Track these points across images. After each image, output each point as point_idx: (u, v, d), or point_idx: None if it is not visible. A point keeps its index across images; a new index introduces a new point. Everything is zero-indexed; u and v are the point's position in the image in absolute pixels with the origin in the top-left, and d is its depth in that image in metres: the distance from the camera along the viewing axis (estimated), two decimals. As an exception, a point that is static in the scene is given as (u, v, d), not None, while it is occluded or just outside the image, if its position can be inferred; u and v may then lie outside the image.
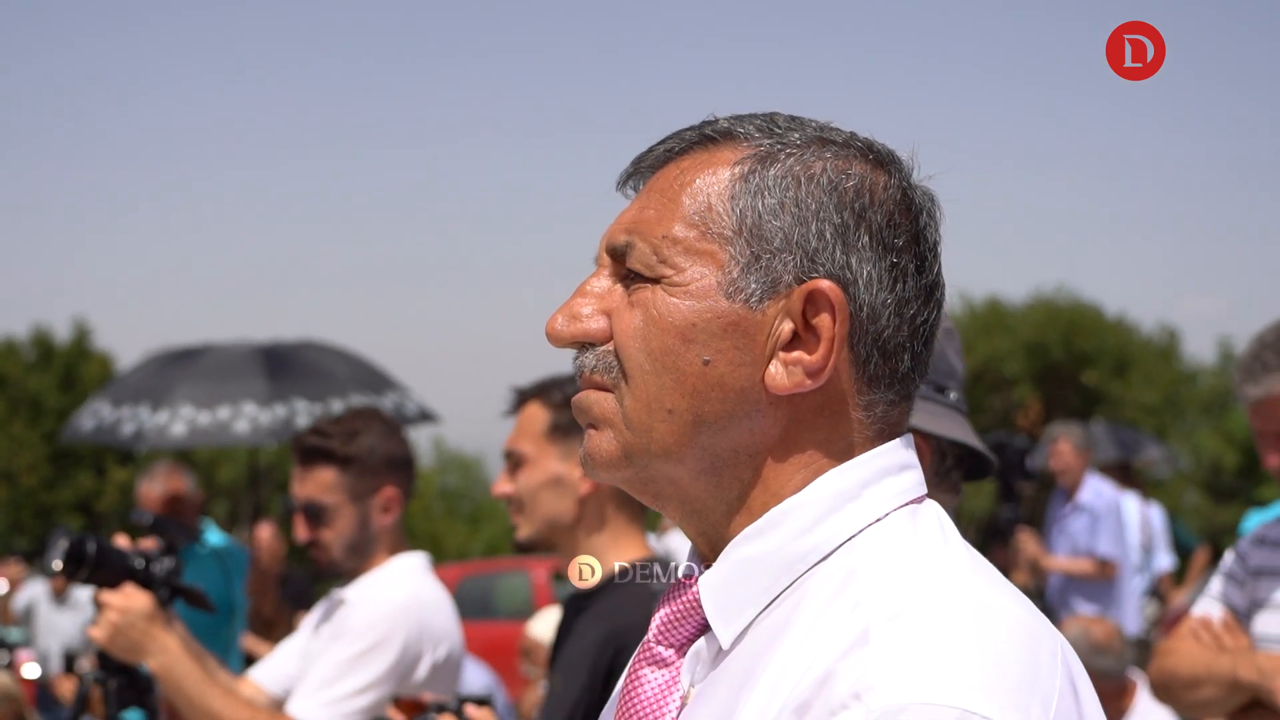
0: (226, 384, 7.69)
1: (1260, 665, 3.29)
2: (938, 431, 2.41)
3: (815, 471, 1.39)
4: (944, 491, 2.48)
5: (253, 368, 7.82)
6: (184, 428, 7.52)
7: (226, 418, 7.56)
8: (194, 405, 7.60)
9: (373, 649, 3.55)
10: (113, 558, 3.50)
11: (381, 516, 3.76)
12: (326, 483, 3.72)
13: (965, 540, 1.41)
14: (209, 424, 7.57)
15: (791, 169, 1.40)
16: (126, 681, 3.57)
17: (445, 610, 3.74)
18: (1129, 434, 15.95)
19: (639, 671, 1.43)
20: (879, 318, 1.39)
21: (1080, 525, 9.42)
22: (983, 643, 1.25)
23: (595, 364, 1.42)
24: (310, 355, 8.13)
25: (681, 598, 1.42)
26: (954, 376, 2.51)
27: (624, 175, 1.49)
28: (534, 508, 3.23)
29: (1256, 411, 3.43)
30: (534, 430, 3.27)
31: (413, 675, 3.59)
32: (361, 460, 3.73)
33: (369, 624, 3.58)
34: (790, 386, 1.37)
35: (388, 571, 3.74)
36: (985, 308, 29.70)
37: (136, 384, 7.98)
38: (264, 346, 8.12)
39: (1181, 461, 26.08)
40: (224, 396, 7.62)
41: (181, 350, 8.30)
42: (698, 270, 1.38)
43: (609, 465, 1.42)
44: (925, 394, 2.45)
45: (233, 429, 7.60)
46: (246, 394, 7.62)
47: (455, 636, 3.72)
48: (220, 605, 6.48)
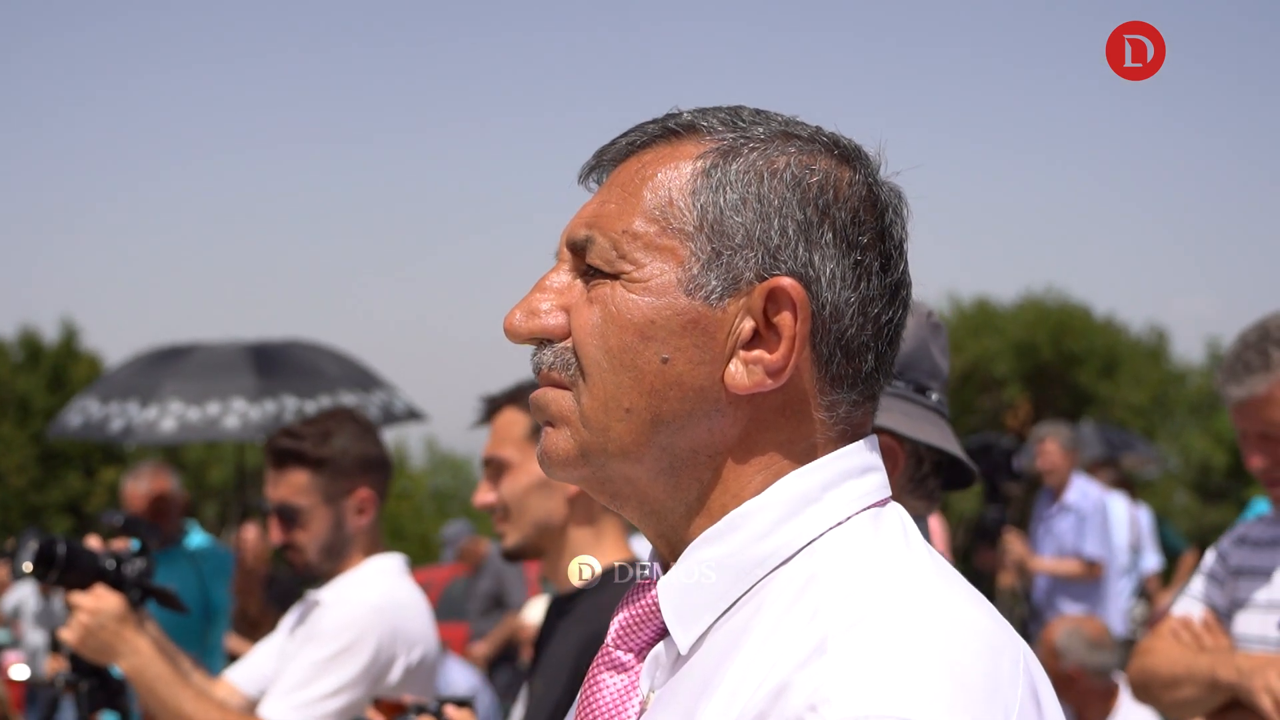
0: (216, 380, 7.65)
1: (1239, 665, 3.28)
2: (913, 435, 2.33)
3: (776, 473, 1.36)
4: (919, 499, 2.40)
5: (242, 364, 7.78)
6: (173, 423, 7.48)
7: (216, 413, 7.53)
8: (183, 401, 7.55)
9: (345, 651, 3.52)
10: (83, 559, 3.47)
11: (356, 518, 3.74)
12: (299, 485, 3.70)
13: (953, 542, 1.38)
14: (198, 420, 7.53)
15: (754, 164, 1.37)
16: (99, 684, 3.55)
17: (420, 612, 3.71)
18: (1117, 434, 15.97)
19: (598, 676, 1.40)
20: (842, 316, 1.36)
21: (1066, 525, 9.41)
22: (942, 652, 1.22)
23: (553, 361, 1.39)
24: (299, 353, 8.11)
25: (640, 601, 1.39)
26: (937, 376, 2.43)
27: (586, 168, 1.46)
28: (522, 512, 3.19)
29: (1239, 412, 3.41)
30: (515, 435, 3.23)
31: (386, 678, 3.56)
32: (334, 462, 3.70)
33: (342, 626, 3.55)
34: (750, 386, 1.34)
35: (362, 573, 3.72)
36: (974, 308, 29.72)
37: (125, 380, 7.92)
38: (253, 345, 8.09)
39: (1170, 462, 26.11)
40: (213, 392, 7.58)
41: (170, 348, 8.27)
42: (657, 266, 1.35)
43: (565, 464, 1.39)
44: (903, 393, 2.36)
45: (222, 424, 7.55)
46: (236, 390, 7.58)
47: (430, 639, 3.68)
48: (195, 606, 6.46)
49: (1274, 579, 3.40)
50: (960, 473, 2.47)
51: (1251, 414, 3.38)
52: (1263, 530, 3.52)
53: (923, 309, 2.43)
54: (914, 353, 2.38)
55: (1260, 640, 3.35)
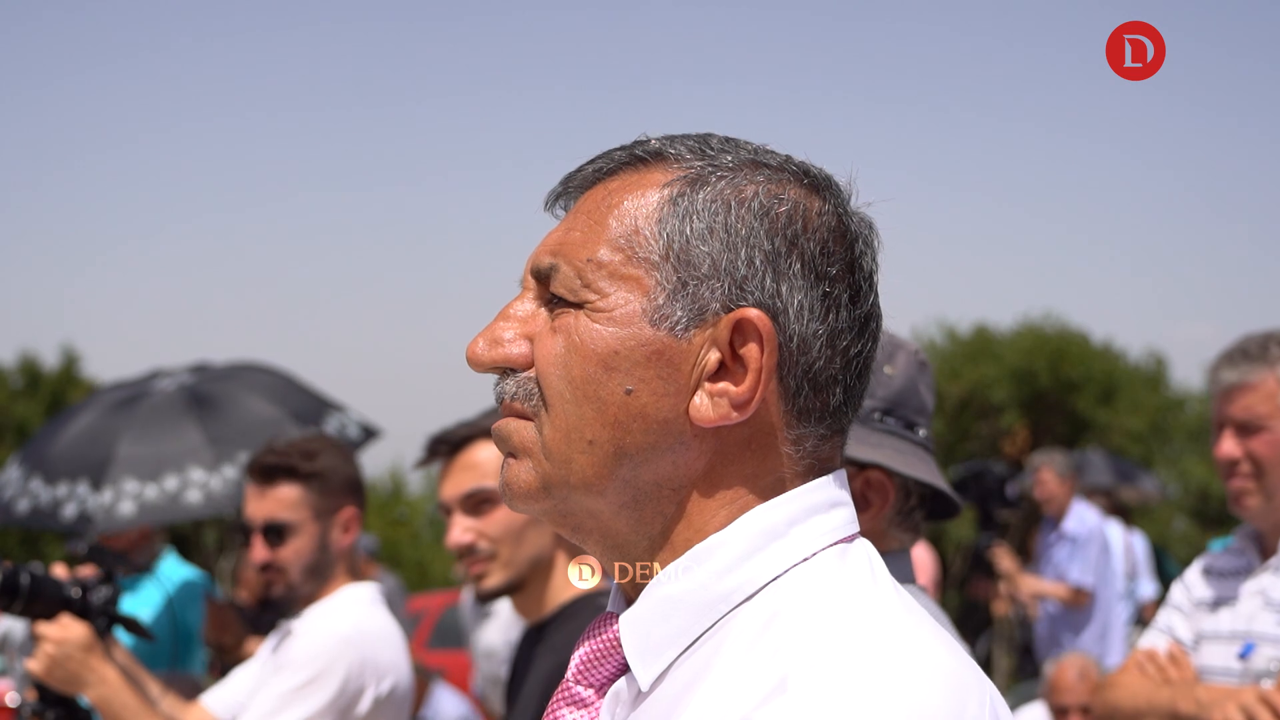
0: (165, 446, 7.02)
1: (1199, 698, 3.28)
2: (906, 471, 2.36)
3: (741, 508, 1.33)
4: (905, 531, 2.45)
5: (186, 420, 7.16)
6: (132, 505, 6.82)
7: (175, 488, 6.90)
8: (138, 479, 6.91)
9: (312, 681, 3.48)
10: (48, 588, 3.43)
11: (341, 536, 3.71)
12: (289, 499, 3.66)
13: (950, 569, 1.35)
14: (157, 498, 6.87)
15: (722, 193, 1.35)
16: (65, 713, 3.52)
17: (393, 643, 3.66)
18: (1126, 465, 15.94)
19: (557, 712, 1.38)
20: (810, 349, 1.33)
21: (1064, 554, 9.36)
22: (905, 692, 1.19)
23: (515, 391, 1.37)
24: (236, 393, 7.44)
25: (602, 636, 1.37)
26: (924, 413, 2.46)
27: (552, 195, 1.44)
28: (518, 548, 3.13)
29: (1225, 397, 3.40)
30: (494, 467, 3.15)
31: (355, 709, 3.51)
32: (325, 477, 3.69)
33: (309, 657, 3.51)
34: (715, 419, 1.32)
35: (334, 602, 3.68)
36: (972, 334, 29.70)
37: (70, 454, 7.19)
38: (190, 385, 7.42)
39: (1169, 489, 26.07)
40: (167, 463, 6.95)
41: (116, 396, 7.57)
42: (622, 296, 1.33)
43: (527, 497, 1.37)
44: (893, 429, 2.40)
45: (184, 501, 6.91)
46: (188, 457, 6.97)
47: (402, 670, 3.64)
48: (165, 634, 6.38)
49: (1238, 609, 3.39)
50: (943, 503, 2.50)
51: (1236, 399, 3.38)
52: (1227, 561, 3.52)
53: (910, 347, 2.46)
54: (904, 390, 2.42)
55: (1224, 672, 3.35)
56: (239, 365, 7.86)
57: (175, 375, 7.60)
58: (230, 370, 7.77)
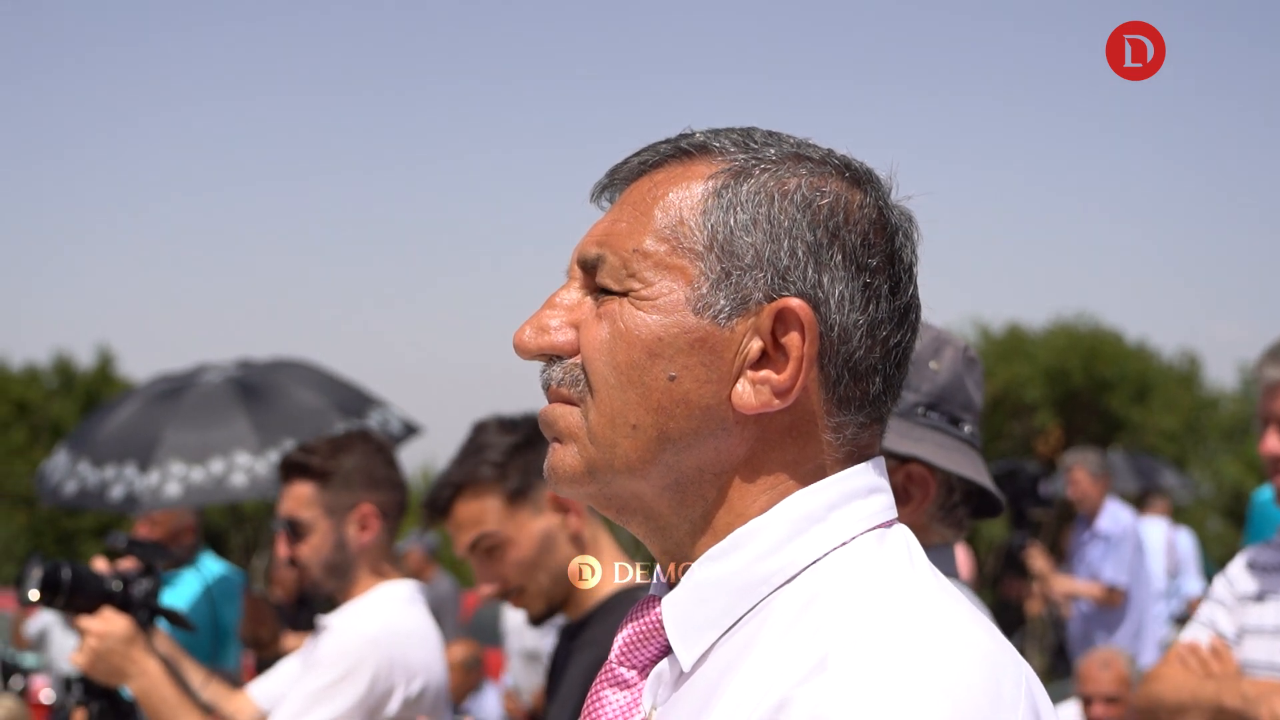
0: (213, 431, 7.20)
1: (1245, 691, 3.27)
2: (947, 466, 2.38)
3: (781, 493, 1.36)
4: (948, 527, 2.46)
5: (233, 408, 7.34)
6: (178, 487, 7.02)
7: (221, 471, 7.11)
8: (184, 461, 7.10)
9: (340, 681, 3.47)
10: (89, 582, 3.48)
11: (359, 534, 3.69)
12: (304, 498, 3.67)
13: (983, 569, 1.38)
14: (204, 480, 7.08)
15: (765, 185, 1.38)
16: (108, 705, 3.56)
17: (426, 643, 3.64)
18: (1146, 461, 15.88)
19: (600, 693, 1.41)
20: (850, 338, 1.36)
21: (1097, 553, 9.34)
22: (942, 672, 1.22)
23: (562, 377, 1.40)
24: (283, 384, 7.62)
25: (644, 618, 1.40)
26: (971, 409, 2.47)
27: (598, 187, 1.48)
28: (537, 575, 3.16)
29: (1272, 393, 3.39)
30: (495, 510, 3.18)
31: (384, 709, 3.51)
32: (339, 475, 3.68)
33: (338, 655, 3.50)
34: (757, 406, 1.35)
35: (368, 600, 3.68)
36: (1005, 334, 29.62)
37: (117, 438, 7.38)
38: (237, 378, 7.60)
39: (1203, 488, 25.96)
40: (214, 448, 7.13)
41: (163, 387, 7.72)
42: (667, 285, 1.36)
43: (572, 480, 1.40)
44: (938, 424, 2.42)
45: (230, 484, 7.11)
46: (236, 443, 7.15)
47: (435, 670, 3.61)
48: (205, 628, 6.46)
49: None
50: (989, 501, 2.51)
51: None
52: (1270, 555, 3.51)
53: (959, 343, 2.48)
54: (949, 386, 2.43)
55: (1268, 666, 3.34)
56: (283, 361, 7.96)
57: (221, 369, 7.72)
58: (275, 365, 7.88)
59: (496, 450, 3.17)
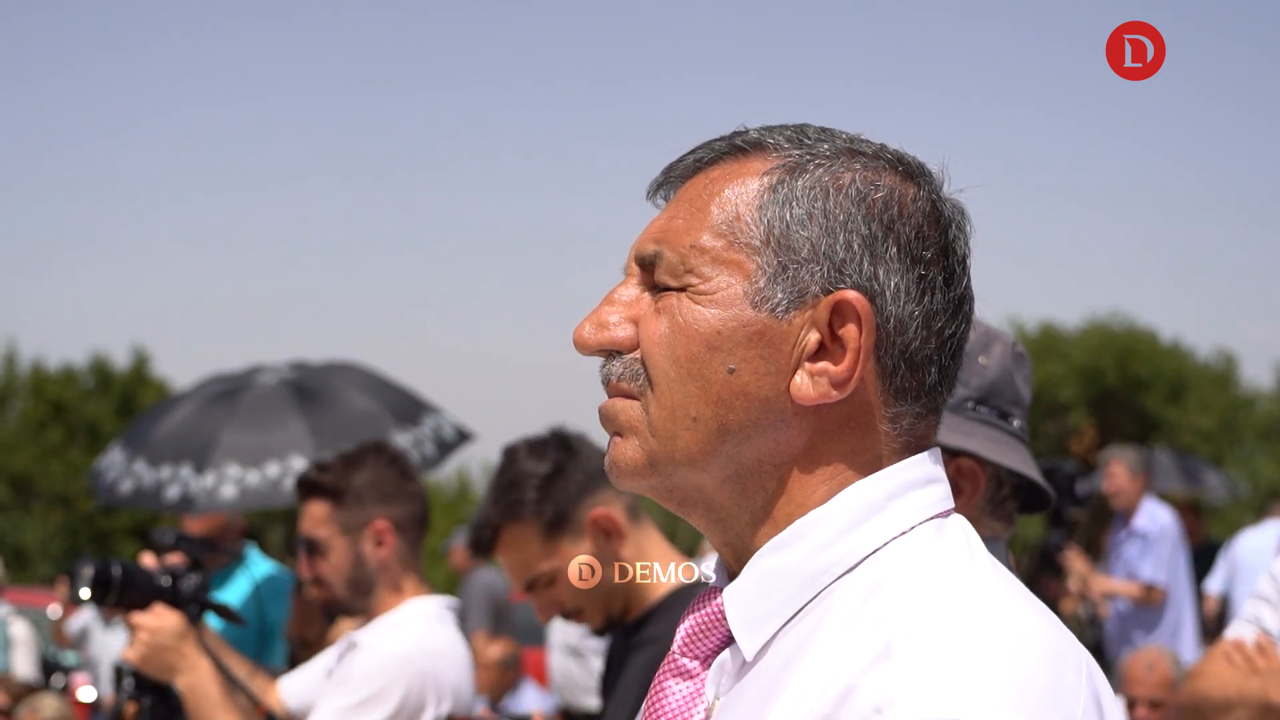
0: (269, 434, 7.21)
1: None
2: (997, 459, 2.39)
3: (840, 483, 1.38)
4: (997, 520, 2.46)
5: (289, 411, 7.35)
6: (234, 489, 7.05)
7: (276, 474, 7.09)
8: (240, 464, 7.12)
9: (370, 700, 3.45)
10: (139, 579, 3.51)
11: (375, 550, 3.66)
12: (319, 517, 3.67)
13: (1018, 568, 1.40)
14: (259, 483, 7.09)
15: (820, 180, 1.39)
16: (159, 700, 3.59)
17: (456, 661, 3.61)
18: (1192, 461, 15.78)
19: (664, 683, 1.43)
20: (906, 330, 1.38)
21: (1134, 551, 9.30)
22: (1005, 658, 1.24)
23: (622, 372, 1.42)
24: (338, 388, 7.61)
25: (706, 609, 1.41)
26: (1020, 404, 2.48)
27: (654, 185, 1.49)
28: (591, 595, 3.17)
29: None
30: (536, 544, 3.20)
31: None
32: (351, 493, 3.66)
33: (368, 674, 3.48)
34: (815, 397, 1.36)
35: (397, 616, 3.65)
36: (1039, 333, 29.52)
37: (174, 438, 7.39)
38: (291, 380, 7.60)
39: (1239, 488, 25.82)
40: (270, 451, 7.14)
41: (219, 388, 7.72)
42: (724, 279, 1.38)
43: (634, 473, 1.42)
44: (987, 419, 2.43)
45: (284, 487, 7.00)
46: (291, 446, 7.14)
47: (463, 691, 3.58)
48: (252, 626, 6.49)
49: None
50: (1037, 496, 2.52)
51: None
52: None
53: (1007, 339, 2.50)
54: (998, 381, 2.45)
55: None
56: (337, 364, 7.97)
57: (276, 370, 7.74)
58: (330, 368, 7.89)
59: (530, 485, 3.19)
